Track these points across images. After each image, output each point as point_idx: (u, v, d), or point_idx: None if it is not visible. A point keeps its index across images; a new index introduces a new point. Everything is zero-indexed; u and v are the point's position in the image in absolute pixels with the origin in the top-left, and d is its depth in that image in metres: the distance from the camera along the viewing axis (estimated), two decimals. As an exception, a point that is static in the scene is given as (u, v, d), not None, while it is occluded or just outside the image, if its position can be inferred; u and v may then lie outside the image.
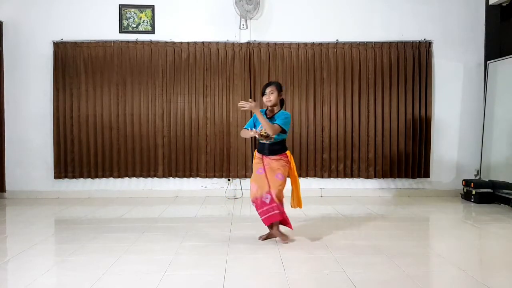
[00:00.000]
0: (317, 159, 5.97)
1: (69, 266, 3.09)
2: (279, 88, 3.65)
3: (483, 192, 5.48)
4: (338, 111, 5.95)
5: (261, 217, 3.60)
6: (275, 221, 3.60)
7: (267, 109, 3.71)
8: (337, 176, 6.00)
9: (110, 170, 5.93)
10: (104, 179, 5.98)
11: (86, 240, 3.72)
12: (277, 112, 3.64)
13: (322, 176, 5.99)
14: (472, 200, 5.54)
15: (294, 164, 3.70)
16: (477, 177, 5.93)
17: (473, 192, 5.52)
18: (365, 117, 5.95)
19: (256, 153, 3.75)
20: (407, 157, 5.97)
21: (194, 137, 5.93)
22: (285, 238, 3.64)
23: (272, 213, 3.54)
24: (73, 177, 5.92)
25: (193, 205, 5.40)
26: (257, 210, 3.61)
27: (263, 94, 3.65)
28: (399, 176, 6.00)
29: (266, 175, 3.60)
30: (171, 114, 5.93)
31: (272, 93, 3.59)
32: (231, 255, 3.29)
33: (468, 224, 4.53)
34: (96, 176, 5.94)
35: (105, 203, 5.57)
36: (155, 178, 6.01)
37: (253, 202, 3.62)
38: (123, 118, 5.91)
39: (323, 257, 3.25)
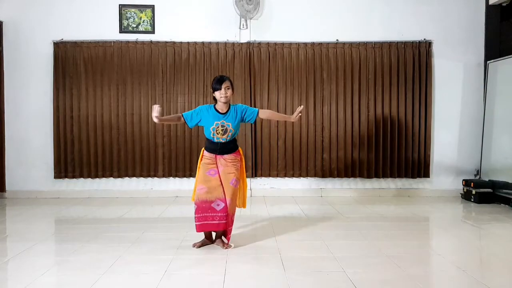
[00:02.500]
0: (317, 159, 5.97)
1: (69, 266, 3.09)
2: (232, 84, 3.53)
3: (483, 192, 5.48)
4: (338, 111, 5.95)
5: (197, 221, 3.40)
6: (217, 231, 3.47)
7: (215, 104, 3.52)
8: (337, 176, 6.00)
9: (110, 170, 5.93)
10: (104, 179, 5.98)
11: (86, 240, 3.72)
12: (230, 107, 3.50)
13: (322, 176, 5.99)
14: (472, 200, 5.54)
15: (244, 163, 3.61)
16: (477, 177, 5.93)
17: (473, 192, 5.52)
18: (365, 117, 5.95)
19: (205, 153, 3.54)
20: (407, 157, 5.97)
21: (194, 137, 5.93)
22: (226, 245, 3.47)
23: (218, 222, 3.38)
24: (73, 177, 5.92)
25: (193, 205, 5.38)
26: (196, 213, 3.41)
27: (215, 89, 3.43)
28: (399, 176, 6.00)
29: (220, 179, 3.45)
30: (171, 114, 5.93)
31: (228, 88, 3.43)
32: (231, 255, 3.29)
33: (468, 224, 4.53)
34: (96, 176, 5.94)
35: (105, 203, 5.57)
36: (155, 178, 6.01)
37: (196, 204, 3.43)
38: (123, 118, 5.91)
39: (323, 257, 3.25)
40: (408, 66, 5.95)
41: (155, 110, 3.39)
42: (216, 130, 3.45)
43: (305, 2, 6.02)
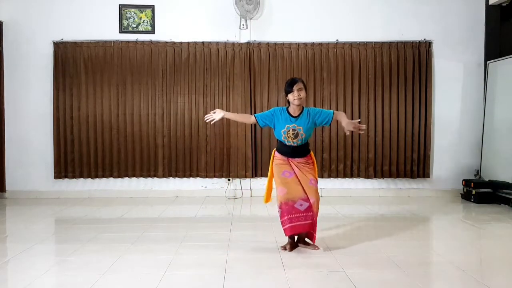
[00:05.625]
0: (317, 159, 5.95)
1: (69, 266, 3.09)
2: (305, 85, 3.41)
3: (483, 192, 5.47)
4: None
5: (285, 224, 3.30)
6: (302, 232, 3.36)
7: (288, 107, 3.44)
8: (337, 176, 6.00)
9: (110, 170, 5.93)
10: (104, 179, 5.98)
11: (86, 240, 3.72)
12: (303, 110, 3.39)
13: (322, 176, 5.98)
14: (472, 200, 5.53)
15: (316, 166, 3.49)
16: (477, 177, 5.93)
17: (473, 192, 5.52)
18: (365, 117, 5.95)
19: (276, 154, 3.48)
20: (407, 157, 5.97)
21: (194, 137, 5.93)
22: (316, 247, 3.41)
23: (304, 222, 3.27)
24: (73, 177, 5.92)
25: (193, 205, 5.40)
26: (281, 217, 3.33)
27: (288, 92, 3.34)
28: (399, 176, 6.00)
29: (298, 179, 3.37)
30: (171, 114, 5.93)
31: (301, 90, 3.31)
32: (231, 255, 3.29)
33: (468, 224, 4.53)
34: (96, 176, 5.94)
35: (105, 203, 5.57)
36: (155, 178, 6.01)
37: (280, 207, 3.34)
38: (123, 118, 5.91)
39: (323, 257, 3.24)
40: (408, 66, 5.95)
41: (218, 114, 3.39)
42: (287, 134, 3.35)
43: (305, 2, 6.02)
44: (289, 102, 3.42)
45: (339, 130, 5.94)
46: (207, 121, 3.48)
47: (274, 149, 3.54)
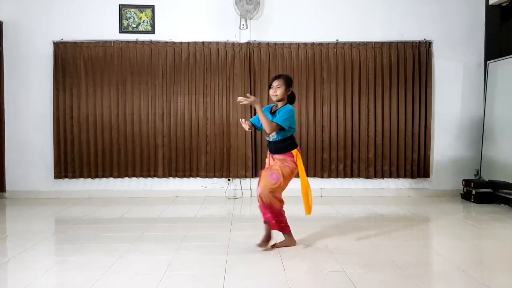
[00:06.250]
0: (317, 159, 5.97)
1: (69, 266, 3.09)
2: (288, 83, 3.43)
3: (483, 192, 5.48)
4: (338, 111, 5.95)
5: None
6: (264, 219, 3.45)
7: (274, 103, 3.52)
8: (337, 176, 6.00)
9: (110, 170, 5.93)
10: (104, 179, 5.98)
11: (86, 240, 3.72)
12: (280, 107, 3.44)
13: (322, 176, 5.99)
14: (472, 200, 5.53)
15: (302, 165, 3.42)
16: (477, 177, 5.93)
17: (473, 192, 5.52)
18: (365, 117, 5.95)
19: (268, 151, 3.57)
20: (407, 157, 5.97)
21: (194, 137, 5.93)
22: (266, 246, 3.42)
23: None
24: (73, 177, 5.92)
25: (193, 205, 5.40)
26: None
27: (270, 87, 3.45)
28: (399, 176, 6.00)
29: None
30: (171, 114, 5.93)
31: (279, 87, 3.38)
32: (231, 255, 3.29)
33: (468, 224, 4.52)
34: (96, 176, 5.94)
35: (105, 203, 5.57)
36: (155, 178, 6.01)
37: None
38: (123, 118, 5.91)
39: (323, 257, 3.25)
40: (408, 66, 5.95)
41: (251, 100, 3.34)
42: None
43: (305, 2, 6.02)
44: None
45: (339, 130, 5.95)
46: (240, 102, 3.44)
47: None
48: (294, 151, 3.42)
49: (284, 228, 3.51)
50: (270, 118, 3.40)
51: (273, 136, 3.41)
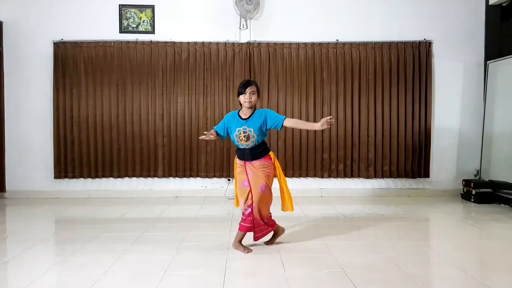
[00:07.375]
0: (317, 159, 5.97)
1: (69, 266, 3.09)
2: (259, 89, 3.43)
3: (483, 192, 5.48)
4: (338, 111, 5.95)
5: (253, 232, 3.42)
6: (241, 232, 3.40)
7: (239, 110, 3.46)
8: (337, 176, 6.00)
9: (110, 170, 5.93)
10: (104, 179, 5.98)
11: (86, 240, 3.72)
12: (254, 111, 3.40)
13: (322, 176, 5.99)
14: (472, 200, 5.53)
15: (278, 164, 3.48)
16: (477, 177, 5.93)
17: (473, 192, 5.52)
18: (365, 117, 5.95)
19: (237, 160, 3.48)
20: (407, 157, 5.97)
21: (194, 137, 5.93)
22: (246, 249, 3.38)
23: (243, 224, 3.37)
24: (73, 177, 5.92)
25: (193, 205, 5.40)
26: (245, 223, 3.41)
27: (240, 93, 3.38)
28: (399, 176, 6.00)
29: (250, 187, 3.35)
30: (171, 114, 5.93)
31: (253, 93, 3.35)
32: (231, 255, 3.29)
33: (468, 224, 4.52)
34: (96, 176, 5.94)
35: (105, 203, 5.57)
36: (155, 178, 6.01)
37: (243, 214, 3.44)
38: (123, 118, 5.91)
39: (323, 257, 3.25)
40: (408, 66, 5.95)
41: (208, 136, 3.42)
42: (239, 137, 3.36)
43: (305, 2, 6.02)
44: (241, 105, 3.43)
45: (339, 130, 5.95)
46: (201, 139, 3.51)
47: (236, 155, 3.52)
48: (272, 153, 3.47)
49: (273, 227, 3.55)
50: (241, 124, 3.38)
51: (252, 143, 3.37)
